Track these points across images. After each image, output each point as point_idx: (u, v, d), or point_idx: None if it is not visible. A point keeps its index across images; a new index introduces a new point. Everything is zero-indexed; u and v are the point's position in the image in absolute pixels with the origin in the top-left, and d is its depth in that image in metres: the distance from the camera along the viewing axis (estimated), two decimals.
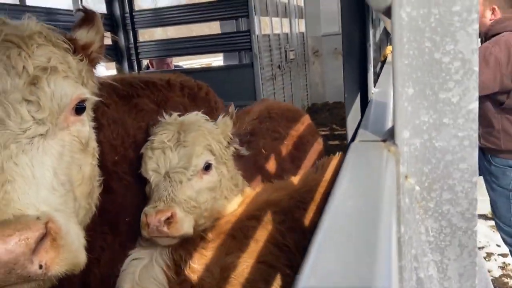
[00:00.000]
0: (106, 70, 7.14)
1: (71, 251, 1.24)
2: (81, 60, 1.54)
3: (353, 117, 1.64)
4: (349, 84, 1.66)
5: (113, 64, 6.63)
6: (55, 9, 5.25)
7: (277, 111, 3.08)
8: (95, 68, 1.69)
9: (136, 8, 6.39)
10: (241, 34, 6.08)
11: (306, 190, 1.81)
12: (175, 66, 7.37)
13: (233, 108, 2.09)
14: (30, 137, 1.29)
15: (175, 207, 1.73)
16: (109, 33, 1.82)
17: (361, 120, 1.40)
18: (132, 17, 6.24)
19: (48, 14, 5.05)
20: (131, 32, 6.30)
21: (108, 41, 3.07)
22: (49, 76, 1.35)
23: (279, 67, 8.10)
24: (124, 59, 6.39)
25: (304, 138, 3.01)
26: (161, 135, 1.87)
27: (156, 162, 1.84)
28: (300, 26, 10.47)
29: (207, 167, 1.86)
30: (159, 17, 6.36)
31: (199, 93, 2.97)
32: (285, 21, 9.17)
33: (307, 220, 1.71)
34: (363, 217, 0.63)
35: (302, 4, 10.66)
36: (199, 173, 1.85)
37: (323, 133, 7.88)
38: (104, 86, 1.98)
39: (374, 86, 1.91)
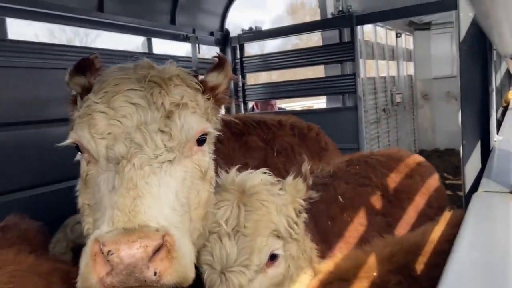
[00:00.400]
0: None
1: (182, 265, 1.34)
2: (208, 99, 1.78)
3: (472, 166, 1.50)
4: (468, 130, 1.53)
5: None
6: (177, 56, 5.85)
7: (379, 158, 2.59)
8: (220, 107, 1.91)
9: (245, 54, 6.83)
10: (346, 77, 6.08)
11: (425, 243, 1.48)
12: (278, 108, 7.62)
13: (306, 167, 1.74)
14: (161, 162, 1.48)
15: None
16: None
17: (482, 169, 1.28)
18: (242, 62, 6.67)
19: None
20: (240, 76, 6.71)
21: None
22: (180, 111, 1.57)
23: (384, 110, 7.87)
24: (232, 101, 6.79)
25: (406, 193, 2.41)
26: (217, 210, 1.65)
27: (211, 253, 1.57)
28: (408, 68, 10.13)
29: (273, 257, 1.55)
30: (266, 62, 6.69)
31: (309, 134, 3.00)
32: (392, 63, 8.97)
33: (430, 279, 1.38)
34: (491, 272, 0.57)
35: (411, 47, 10.35)
36: (263, 268, 1.52)
37: None
38: (220, 124, 2.18)
39: (497, 133, 1.75)
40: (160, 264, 1.28)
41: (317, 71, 8.29)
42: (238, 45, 6.64)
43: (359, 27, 6.12)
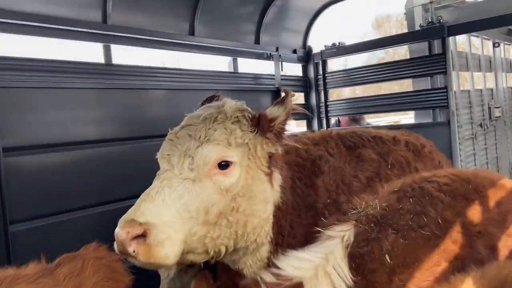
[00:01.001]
0: (296, 126, 7.68)
1: (154, 251, 1.87)
2: (252, 132, 2.19)
3: None
4: None
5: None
6: (260, 74, 6.01)
7: (440, 180, 2.06)
8: (278, 135, 2.26)
9: (328, 70, 6.78)
10: (437, 90, 5.74)
11: None
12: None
13: None
14: (182, 178, 2.01)
15: None
16: (295, 94, 2.36)
17: None
18: (324, 78, 6.64)
19: (255, 79, 5.83)
20: (322, 92, 6.67)
21: (301, 99, 3.53)
22: (205, 142, 2.08)
23: (481, 125, 7.26)
24: (314, 117, 6.76)
25: (477, 226, 1.88)
26: None
27: None
28: (509, 80, 9.27)
29: None
30: (350, 77, 6.58)
31: (423, 151, 3.00)
32: (489, 75, 8.27)
33: None
34: None
35: (511, 57, 9.48)
36: None
37: None
38: (332, 138, 2.31)
39: None
40: (137, 246, 1.87)
41: (403, 86, 7.94)
42: (320, 61, 6.63)
43: (451, 37, 5.76)
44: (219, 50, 5.27)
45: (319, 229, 1.95)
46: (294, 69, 6.77)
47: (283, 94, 2.25)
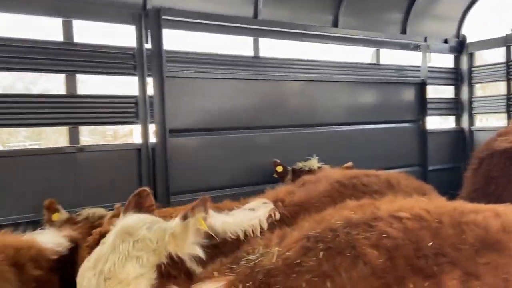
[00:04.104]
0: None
1: None
2: None
3: None
4: None
5: None
6: (404, 66, 5.73)
7: (386, 229, 1.25)
8: None
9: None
10: None
11: None
12: None
13: None
14: None
15: None
16: None
17: None
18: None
19: (398, 71, 5.60)
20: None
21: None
22: None
23: None
24: (465, 113, 6.19)
25: None
26: None
27: None
28: None
29: None
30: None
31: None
32: None
33: None
34: None
35: None
36: None
37: None
38: None
39: None
40: None
41: None
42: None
43: None
44: (362, 41, 5.21)
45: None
46: (443, 61, 6.25)
47: None
